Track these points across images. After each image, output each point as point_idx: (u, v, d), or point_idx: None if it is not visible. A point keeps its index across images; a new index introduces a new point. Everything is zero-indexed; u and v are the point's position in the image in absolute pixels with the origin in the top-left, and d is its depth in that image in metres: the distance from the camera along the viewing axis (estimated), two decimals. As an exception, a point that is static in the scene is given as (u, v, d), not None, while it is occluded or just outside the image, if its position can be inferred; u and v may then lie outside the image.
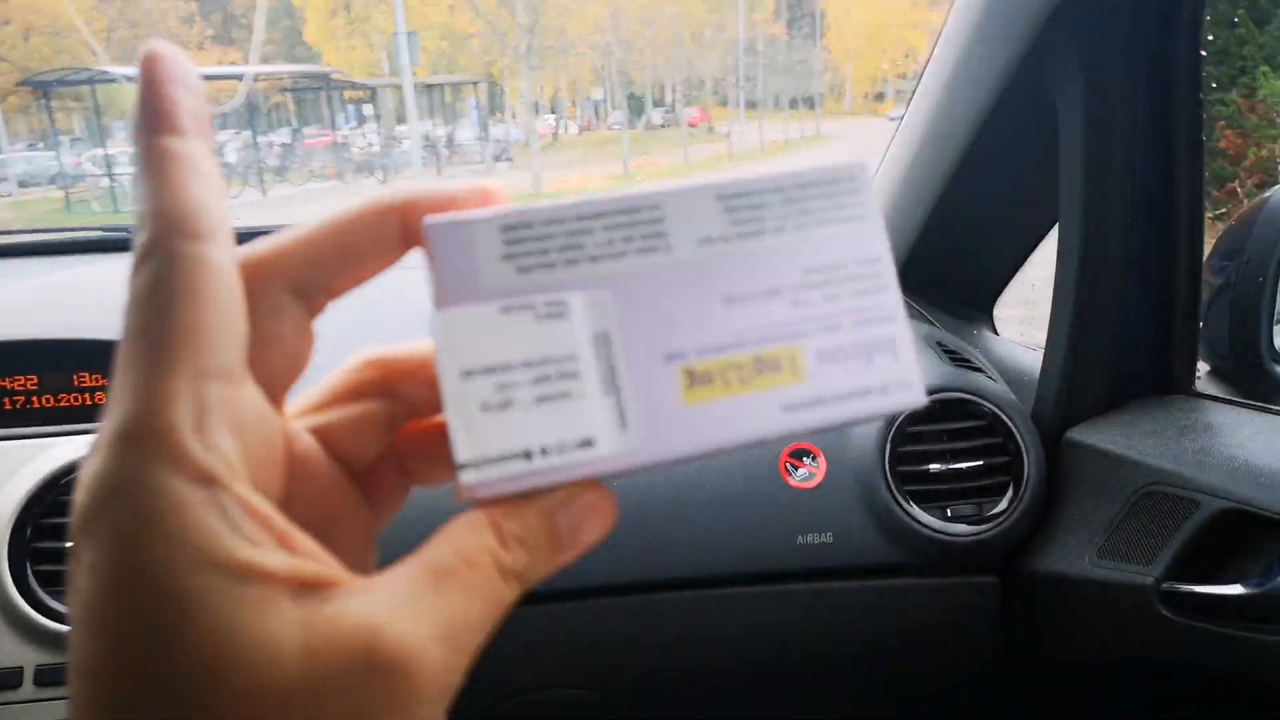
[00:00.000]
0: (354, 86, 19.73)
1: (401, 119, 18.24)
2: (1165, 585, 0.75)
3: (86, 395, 0.95)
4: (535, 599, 0.87)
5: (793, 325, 0.25)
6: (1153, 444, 0.80)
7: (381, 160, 15.99)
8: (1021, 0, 0.83)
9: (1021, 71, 0.87)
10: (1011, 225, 1.05)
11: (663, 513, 0.89)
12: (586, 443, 0.23)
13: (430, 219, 0.24)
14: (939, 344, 1.00)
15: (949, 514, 0.90)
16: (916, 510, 0.89)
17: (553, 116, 26.32)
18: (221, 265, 0.22)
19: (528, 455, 0.23)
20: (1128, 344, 0.86)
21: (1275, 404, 0.79)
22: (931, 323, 1.06)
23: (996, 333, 1.14)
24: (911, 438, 0.91)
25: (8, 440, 0.89)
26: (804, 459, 0.91)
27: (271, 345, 0.24)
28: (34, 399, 0.94)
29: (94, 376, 0.94)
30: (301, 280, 0.24)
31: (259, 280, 0.24)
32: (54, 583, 0.83)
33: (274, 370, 0.24)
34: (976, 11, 0.90)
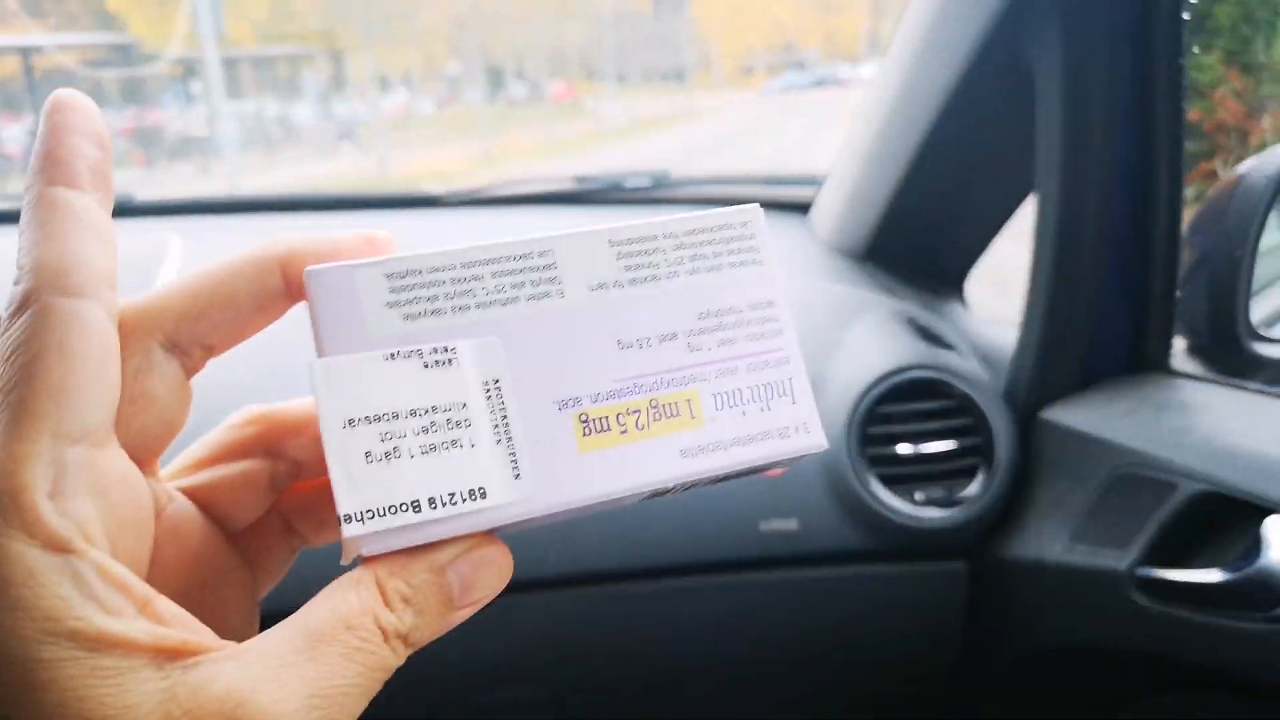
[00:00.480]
0: (165, 60, 18.22)
1: (233, 94, 17.06)
2: (1140, 571, 0.73)
3: None
4: None
5: (689, 370, 0.26)
6: (1128, 424, 0.79)
7: (201, 144, 14.84)
8: None
9: (996, 38, 0.84)
10: (984, 199, 1.03)
11: None
12: (478, 493, 0.23)
13: (312, 267, 0.23)
14: (910, 320, 0.97)
15: (918, 498, 0.87)
16: (884, 494, 0.86)
17: (405, 93, 25.23)
18: (97, 323, 0.21)
19: (416, 507, 0.22)
20: (1103, 320, 0.85)
21: (1252, 382, 0.80)
22: (902, 298, 1.03)
23: (968, 308, 1.12)
24: (880, 419, 0.88)
25: None
26: None
27: (144, 403, 0.23)
28: None
29: None
30: (177, 336, 0.24)
31: (132, 335, 0.23)
32: None
33: (146, 429, 0.24)
34: None
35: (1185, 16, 0.78)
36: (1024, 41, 0.83)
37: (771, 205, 1.24)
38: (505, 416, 0.24)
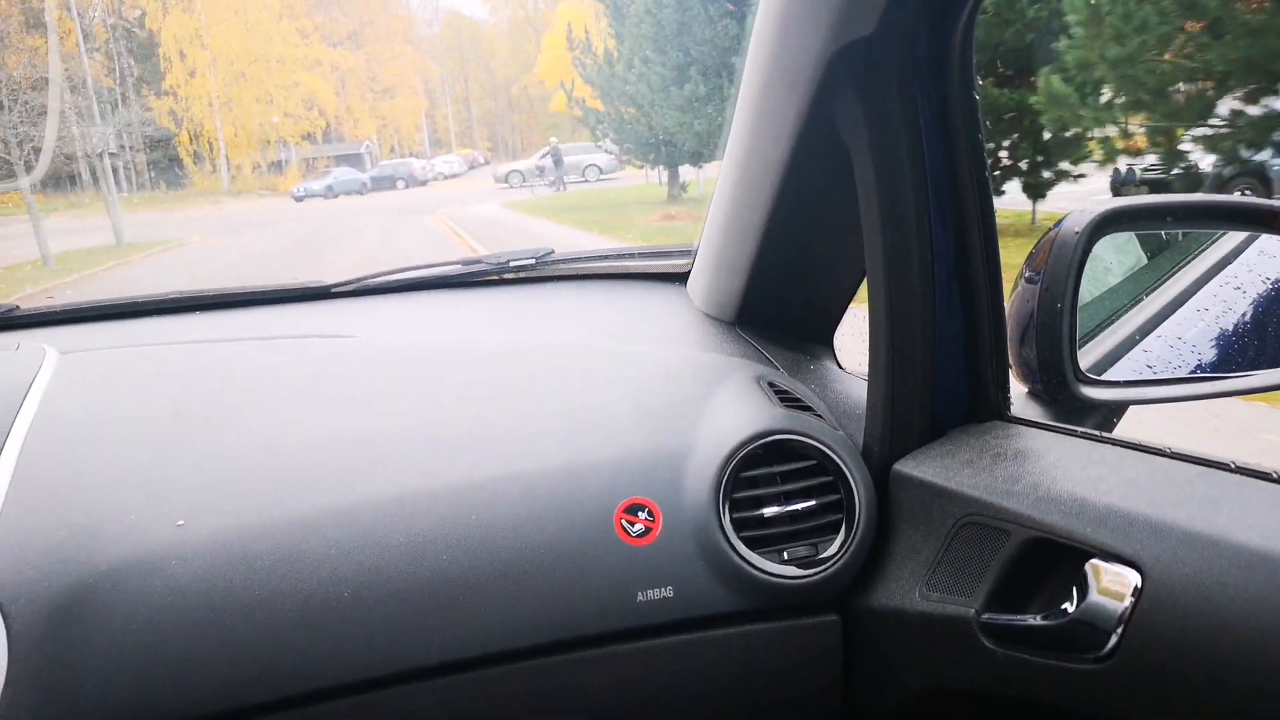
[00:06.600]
0: None
1: None
2: (985, 617, 0.79)
3: None
4: (353, 689, 0.82)
5: None
6: (969, 474, 0.85)
7: None
8: (803, 47, 0.87)
9: (814, 112, 0.92)
10: (838, 256, 1.10)
11: (493, 581, 0.87)
12: None
13: None
14: (770, 384, 1.03)
15: (786, 556, 0.91)
16: (753, 556, 0.91)
17: None
18: None
19: None
20: (943, 374, 0.91)
21: (1082, 423, 0.85)
22: (768, 362, 1.08)
23: (839, 363, 1.18)
24: (747, 483, 0.93)
25: None
26: (639, 514, 0.91)
27: None
28: None
29: None
30: None
31: None
32: None
33: None
34: (765, 61, 0.94)
35: (977, 97, 0.84)
36: (836, 118, 0.90)
37: (654, 276, 1.30)
38: None
